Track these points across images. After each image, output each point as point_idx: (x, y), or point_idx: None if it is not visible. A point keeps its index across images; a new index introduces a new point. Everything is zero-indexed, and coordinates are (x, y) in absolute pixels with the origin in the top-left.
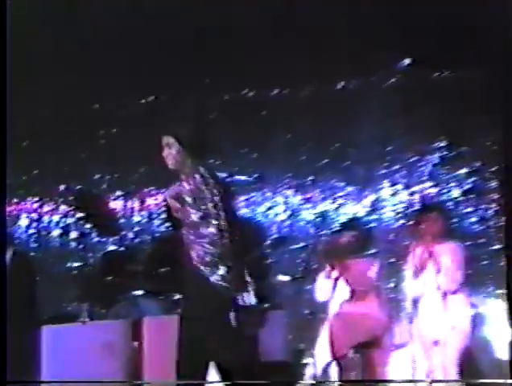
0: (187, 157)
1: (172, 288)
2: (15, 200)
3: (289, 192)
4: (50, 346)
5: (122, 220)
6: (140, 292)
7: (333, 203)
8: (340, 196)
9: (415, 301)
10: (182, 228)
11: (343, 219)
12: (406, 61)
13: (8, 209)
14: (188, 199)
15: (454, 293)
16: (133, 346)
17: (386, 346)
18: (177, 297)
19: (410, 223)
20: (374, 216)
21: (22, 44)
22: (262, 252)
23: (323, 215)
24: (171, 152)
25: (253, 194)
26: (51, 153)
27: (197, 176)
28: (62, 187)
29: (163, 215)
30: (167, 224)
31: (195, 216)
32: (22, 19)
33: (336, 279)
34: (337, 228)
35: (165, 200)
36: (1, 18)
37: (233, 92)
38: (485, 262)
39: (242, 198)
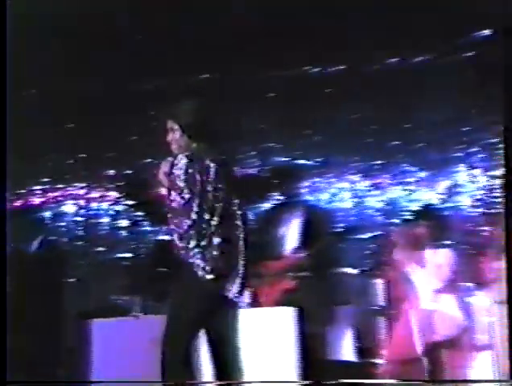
0: (191, 142)
1: None
2: (60, 185)
3: (355, 177)
4: (99, 340)
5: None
6: None
7: (404, 189)
8: (412, 182)
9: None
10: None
11: (415, 206)
12: (486, 32)
13: (52, 195)
14: (180, 183)
15: None
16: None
17: (463, 346)
18: None
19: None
20: (450, 204)
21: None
22: (326, 243)
23: (392, 203)
24: (174, 137)
25: (316, 179)
26: (99, 135)
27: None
28: (111, 172)
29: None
30: None
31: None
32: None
33: (408, 272)
34: (408, 217)
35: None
36: (1, 18)
37: (294, 68)
38: None
39: (306, 184)
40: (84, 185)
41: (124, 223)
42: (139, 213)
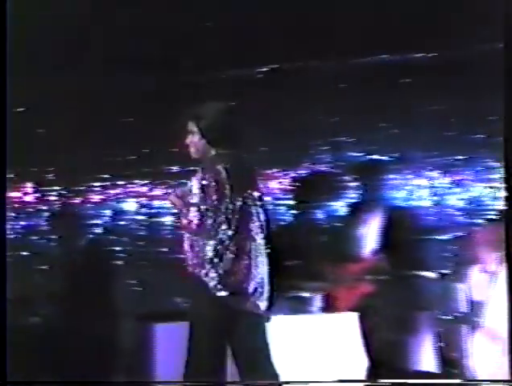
0: (210, 148)
1: (302, 284)
2: (121, 182)
3: (435, 174)
4: (160, 344)
5: None
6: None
7: (488, 186)
8: (496, 179)
9: None
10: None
11: (499, 205)
12: None
13: (112, 192)
14: (195, 197)
15: None
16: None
17: None
18: (307, 294)
19: None
20: None
21: None
22: (402, 245)
23: (476, 201)
24: (193, 140)
25: (392, 176)
26: (163, 131)
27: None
28: (175, 169)
29: (290, 201)
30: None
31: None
32: None
33: (494, 274)
34: (493, 217)
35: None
36: (1, 18)
37: (368, 56)
38: None
39: (381, 181)
40: (146, 182)
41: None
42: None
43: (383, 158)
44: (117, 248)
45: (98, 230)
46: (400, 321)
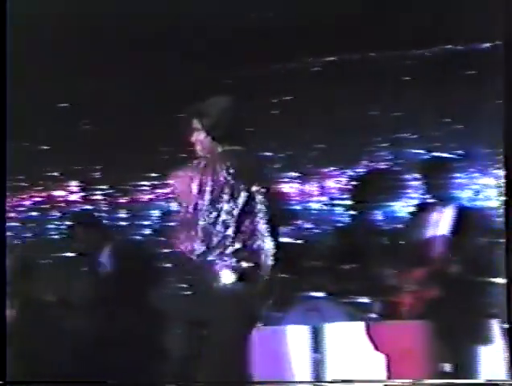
0: (217, 145)
1: (358, 289)
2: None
3: (501, 172)
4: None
5: (298, 207)
6: (320, 293)
7: None
8: None
9: None
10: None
11: None
12: None
13: (161, 191)
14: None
15: None
16: (314, 358)
17: None
18: (364, 300)
19: None
20: None
21: None
22: (469, 248)
23: None
24: (198, 137)
25: (457, 174)
26: None
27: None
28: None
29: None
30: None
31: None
32: None
33: None
34: None
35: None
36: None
37: (430, 47)
38: None
39: (446, 179)
40: None
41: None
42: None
43: (447, 155)
44: (166, 250)
45: (147, 231)
46: (468, 328)
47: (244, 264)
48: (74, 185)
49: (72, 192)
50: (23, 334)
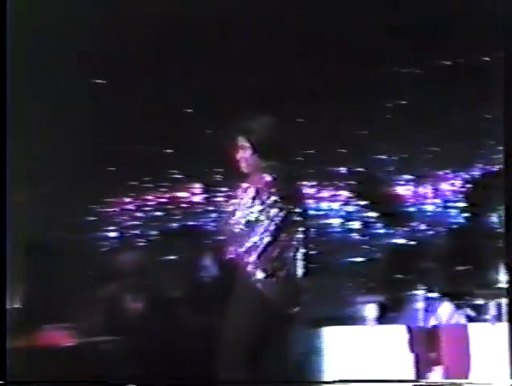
0: (262, 161)
1: (474, 290)
2: None
3: None
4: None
5: (413, 209)
6: (435, 294)
7: None
8: None
9: None
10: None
11: None
12: None
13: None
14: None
15: None
16: (429, 359)
17: None
18: (479, 301)
19: None
20: None
21: None
22: None
23: None
24: (244, 155)
25: None
26: (329, 131)
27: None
28: (342, 170)
29: (461, 204)
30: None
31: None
32: None
33: None
34: None
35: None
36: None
37: None
38: None
39: None
40: (313, 184)
41: (356, 224)
42: (372, 214)
43: None
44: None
45: None
46: None
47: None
48: (197, 187)
49: (194, 194)
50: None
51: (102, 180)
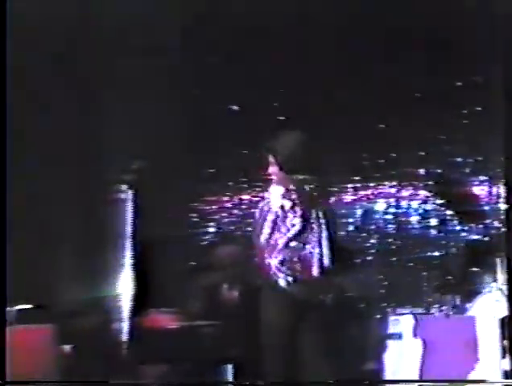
0: (289, 176)
1: None
2: (372, 184)
3: None
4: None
5: (487, 208)
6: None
7: None
8: None
9: None
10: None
11: None
12: None
13: (364, 192)
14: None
15: None
16: (501, 345)
17: None
18: None
19: None
20: None
21: None
22: None
23: None
24: (274, 170)
25: None
26: (409, 135)
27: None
28: (421, 171)
29: None
30: None
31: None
32: None
33: None
34: None
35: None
36: (1, 18)
37: None
38: None
39: None
40: (394, 184)
41: (433, 221)
42: (449, 212)
43: None
44: (368, 245)
45: (351, 227)
46: None
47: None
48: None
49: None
50: None
51: (204, 181)
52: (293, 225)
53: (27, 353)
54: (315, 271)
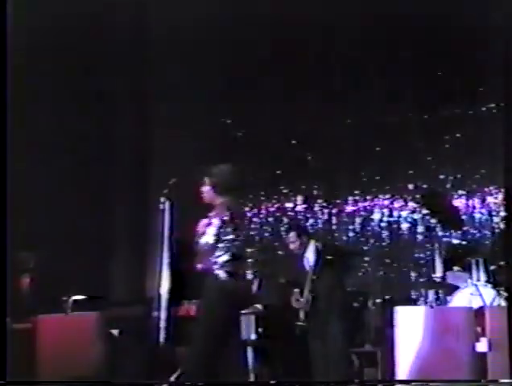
0: (218, 196)
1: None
2: (369, 197)
3: None
4: (402, 323)
5: (464, 217)
6: (480, 283)
7: None
8: None
9: None
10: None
11: None
12: None
13: (362, 204)
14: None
15: None
16: (476, 331)
17: None
18: None
19: None
20: None
21: None
22: None
23: None
24: (205, 189)
25: None
26: (400, 158)
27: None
28: (410, 186)
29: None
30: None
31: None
32: None
33: None
34: None
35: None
36: (1, 18)
37: None
38: None
39: None
40: (388, 197)
41: (421, 228)
42: (433, 220)
43: None
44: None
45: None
46: None
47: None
48: (299, 199)
49: (297, 204)
50: None
51: None
52: (228, 235)
53: (81, 336)
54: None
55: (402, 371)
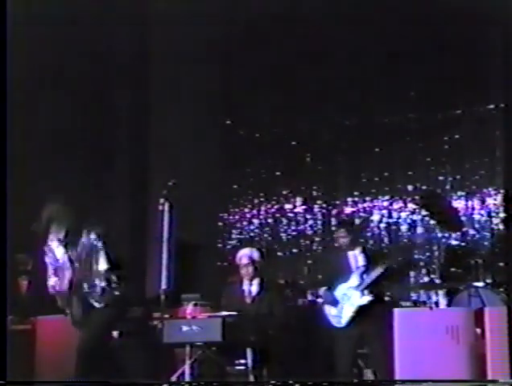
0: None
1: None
2: (368, 198)
3: None
4: (402, 326)
5: (464, 218)
6: (481, 284)
7: None
8: None
9: None
10: None
11: None
12: None
13: (362, 206)
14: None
15: None
16: (475, 333)
17: None
18: None
19: None
20: None
21: None
22: None
23: None
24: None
25: None
26: (399, 158)
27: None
28: (410, 188)
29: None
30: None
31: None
32: None
33: None
34: None
35: None
36: (1, 18)
37: None
38: None
39: None
40: (387, 198)
41: (420, 229)
42: (432, 221)
43: None
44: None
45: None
46: None
47: None
48: (299, 200)
49: (296, 206)
50: None
51: (229, 195)
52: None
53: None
54: None
55: (402, 371)
